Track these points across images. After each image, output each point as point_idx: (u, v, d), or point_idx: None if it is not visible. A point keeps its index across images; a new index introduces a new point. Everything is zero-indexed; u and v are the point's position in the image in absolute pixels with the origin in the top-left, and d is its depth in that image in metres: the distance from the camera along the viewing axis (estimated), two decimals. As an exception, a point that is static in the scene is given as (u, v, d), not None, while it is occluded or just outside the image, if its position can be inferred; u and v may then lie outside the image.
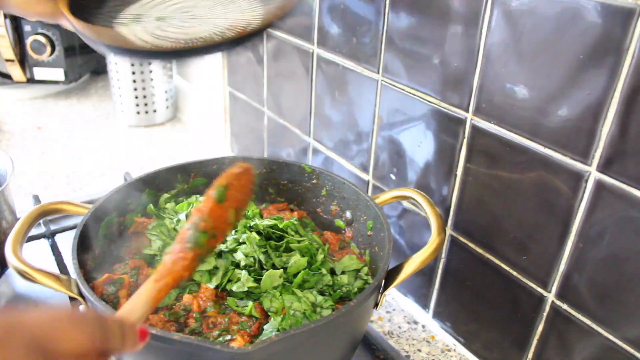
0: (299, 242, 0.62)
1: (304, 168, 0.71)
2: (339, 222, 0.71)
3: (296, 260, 0.59)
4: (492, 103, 0.57)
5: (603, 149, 0.48)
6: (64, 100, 1.44)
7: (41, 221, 0.80)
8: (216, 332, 0.53)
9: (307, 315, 0.54)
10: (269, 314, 0.55)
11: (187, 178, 0.71)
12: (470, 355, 0.70)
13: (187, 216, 0.65)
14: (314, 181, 0.72)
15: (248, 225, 0.63)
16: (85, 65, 1.45)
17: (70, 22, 0.50)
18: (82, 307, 0.54)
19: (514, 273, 0.61)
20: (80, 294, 0.52)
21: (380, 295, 0.56)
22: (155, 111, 1.32)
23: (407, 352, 0.71)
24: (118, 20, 0.53)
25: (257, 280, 0.57)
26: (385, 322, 0.76)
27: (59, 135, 1.25)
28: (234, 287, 0.56)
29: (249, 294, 0.57)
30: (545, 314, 0.58)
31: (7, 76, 1.35)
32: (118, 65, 1.24)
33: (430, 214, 0.58)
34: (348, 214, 0.69)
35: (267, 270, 0.58)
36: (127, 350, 0.37)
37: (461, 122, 0.62)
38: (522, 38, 0.52)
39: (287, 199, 0.74)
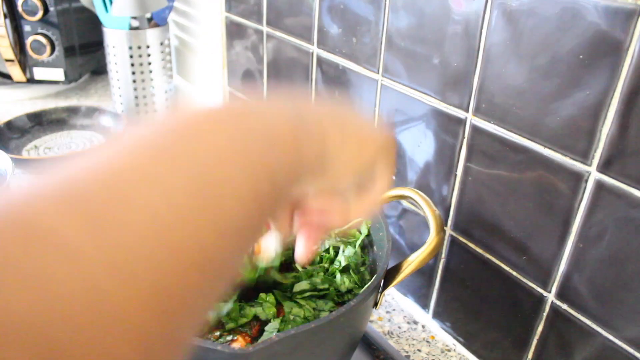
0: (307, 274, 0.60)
1: None
2: None
3: (301, 285, 0.58)
4: (492, 103, 0.57)
5: (603, 149, 0.48)
6: (64, 100, 1.43)
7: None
8: (217, 333, 0.53)
9: (310, 319, 0.54)
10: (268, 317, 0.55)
11: None
12: (470, 355, 0.70)
13: None
14: None
15: None
16: (85, 65, 1.45)
17: None
18: None
19: (514, 273, 0.61)
20: None
21: (379, 294, 0.56)
22: (155, 111, 1.32)
23: (407, 352, 0.71)
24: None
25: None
26: (385, 322, 0.76)
27: (59, 135, 1.25)
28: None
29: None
30: (545, 314, 0.58)
31: (7, 76, 1.35)
32: (118, 66, 1.24)
33: (428, 213, 0.58)
34: None
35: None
36: None
37: (461, 122, 0.62)
38: (522, 38, 0.52)
39: None
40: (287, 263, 0.62)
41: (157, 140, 0.22)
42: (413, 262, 0.55)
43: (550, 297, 0.57)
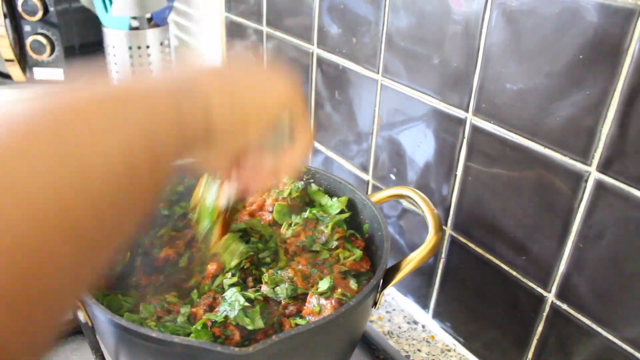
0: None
1: None
2: None
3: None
4: (492, 103, 0.57)
5: (603, 149, 0.48)
6: (64, 100, 1.43)
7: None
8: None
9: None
10: None
11: (182, 179, 0.70)
12: (470, 355, 0.70)
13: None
14: (310, 181, 0.71)
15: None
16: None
17: None
18: (80, 314, 0.52)
19: (514, 273, 0.61)
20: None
21: (379, 294, 0.56)
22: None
23: (407, 352, 0.71)
24: None
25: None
26: (385, 322, 0.76)
27: (59, 135, 1.25)
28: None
29: None
30: (545, 314, 0.58)
31: (7, 76, 1.35)
32: (118, 66, 1.24)
33: (426, 212, 0.58)
34: None
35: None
36: None
37: (461, 122, 0.62)
38: (522, 38, 0.52)
39: None
40: None
41: (39, 120, 0.25)
42: (412, 261, 0.55)
43: (550, 297, 0.57)
